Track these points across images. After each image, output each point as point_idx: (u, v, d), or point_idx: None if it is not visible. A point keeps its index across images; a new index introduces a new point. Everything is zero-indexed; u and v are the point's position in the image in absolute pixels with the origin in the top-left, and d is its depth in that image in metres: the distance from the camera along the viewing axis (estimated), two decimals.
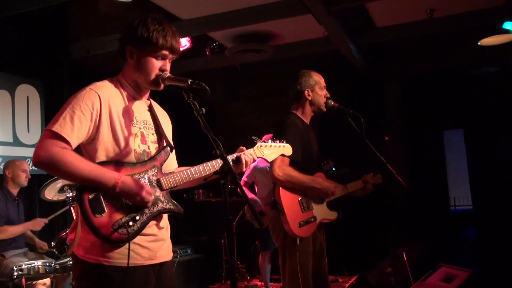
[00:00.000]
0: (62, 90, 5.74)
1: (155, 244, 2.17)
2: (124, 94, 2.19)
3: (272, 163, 3.20)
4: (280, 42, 6.25)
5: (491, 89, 7.27)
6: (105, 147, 2.07)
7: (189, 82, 2.12)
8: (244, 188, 5.89)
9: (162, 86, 2.24)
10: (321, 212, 3.35)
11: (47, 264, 3.96)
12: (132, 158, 2.13)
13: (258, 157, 2.54)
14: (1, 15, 4.82)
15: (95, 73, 6.18)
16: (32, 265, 3.88)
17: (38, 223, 4.50)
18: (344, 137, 4.31)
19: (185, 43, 6.37)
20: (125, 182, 2.00)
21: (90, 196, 1.98)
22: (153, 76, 2.19)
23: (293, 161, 3.22)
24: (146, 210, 2.09)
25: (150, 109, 2.32)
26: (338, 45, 5.84)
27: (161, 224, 2.23)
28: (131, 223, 2.01)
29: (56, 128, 1.96)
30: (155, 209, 2.14)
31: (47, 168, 1.96)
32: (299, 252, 3.18)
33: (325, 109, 3.48)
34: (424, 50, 7.26)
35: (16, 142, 5.29)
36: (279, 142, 2.63)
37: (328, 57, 7.40)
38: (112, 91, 2.15)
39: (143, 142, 2.19)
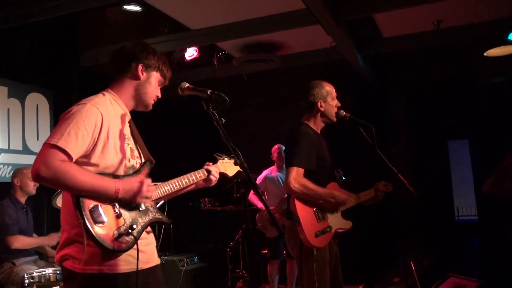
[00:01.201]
0: (71, 99, 5.77)
1: (149, 248, 2.24)
2: (118, 110, 2.25)
3: (287, 174, 3.23)
4: (287, 52, 6.30)
5: (496, 100, 7.29)
6: (98, 162, 2.11)
7: (209, 93, 2.17)
8: (255, 197, 5.93)
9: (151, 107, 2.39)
10: (336, 221, 3.36)
11: (58, 272, 3.97)
12: (121, 172, 2.18)
13: (220, 172, 2.68)
14: (12, 25, 4.88)
15: (103, 81, 6.20)
16: (43, 272, 3.88)
17: (54, 238, 4.52)
18: (354, 146, 4.34)
19: (192, 52, 6.44)
20: (124, 184, 2.07)
21: (91, 207, 2.00)
22: (152, 101, 2.36)
23: (308, 171, 3.24)
24: (140, 220, 2.15)
25: (131, 124, 2.38)
26: (345, 55, 5.88)
27: (148, 229, 2.27)
28: (130, 230, 2.07)
29: (62, 143, 1.97)
30: (147, 218, 2.19)
31: (49, 182, 1.95)
32: (316, 262, 3.19)
33: (335, 120, 3.50)
34: (430, 61, 7.30)
35: (26, 150, 5.32)
36: (229, 159, 2.73)
37: (334, 67, 7.44)
38: (109, 108, 2.20)
39: (132, 157, 2.26)
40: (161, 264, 4.58)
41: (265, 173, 6.20)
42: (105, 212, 2.04)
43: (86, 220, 1.96)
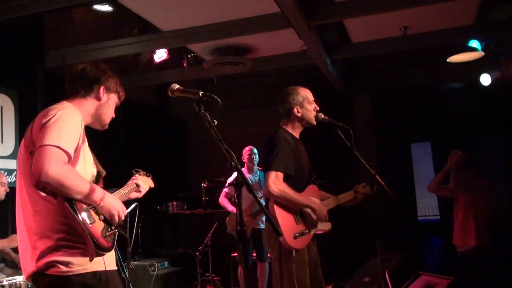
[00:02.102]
0: (36, 100, 5.60)
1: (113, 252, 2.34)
2: (83, 121, 2.31)
3: (266, 178, 3.22)
4: (257, 55, 6.32)
5: (456, 104, 7.58)
6: (76, 167, 2.18)
7: (200, 94, 2.20)
8: (226, 200, 5.90)
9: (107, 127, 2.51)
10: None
11: None
12: (89, 179, 2.27)
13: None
14: None
15: None
16: (14, 281, 3.73)
17: (14, 240, 4.35)
18: (331, 148, 4.42)
19: (162, 54, 6.38)
20: (108, 198, 2.20)
21: (83, 208, 2.10)
22: (110, 119, 2.49)
23: (287, 175, 3.26)
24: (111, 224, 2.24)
25: None
26: (316, 60, 5.96)
27: None
28: (109, 231, 2.19)
29: (63, 144, 2.04)
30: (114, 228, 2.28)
31: (54, 182, 1.98)
32: (295, 263, 3.20)
33: (315, 123, 3.53)
34: (395, 66, 7.52)
35: None
36: (145, 176, 2.80)
37: (301, 71, 7.56)
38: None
39: (94, 165, 2.38)
40: (131, 269, 4.54)
41: (235, 175, 6.19)
42: (93, 213, 2.14)
43: (82, 220, 2.03)
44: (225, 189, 6.14)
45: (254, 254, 6.03)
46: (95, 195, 2.12)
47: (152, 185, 2.79)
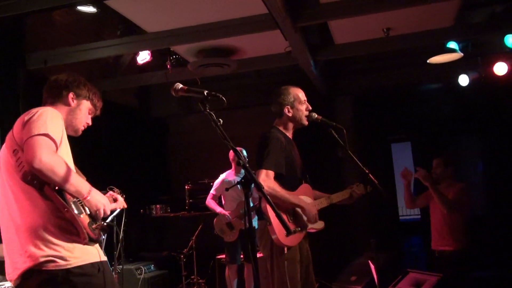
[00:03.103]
0: (17, 102, 5.48)
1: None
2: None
3: (256, 176, 3.22)
4: (242, 57, 6.33)
5: (436, 104, 7.73)
6: None
7: (206, 93, 2.19)
8: (213, 201, 5.89)
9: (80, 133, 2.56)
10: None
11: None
12: None
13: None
14: None
15: None
16: (2, 286, 3.65)
17: None
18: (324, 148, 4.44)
19: (145, 56, 6.33)
20: (94, 191, 2.26)
21: (73, 200, 2.16)
22: (82, 127, 2.54)
23: (278, 174, 3.28)
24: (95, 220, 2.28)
25: None
26: (300, 61, 6.00)
27: None
28: (95, 224, 2.24)
29: (50, 132, 2.11)
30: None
31: (46, 169, 2.02)
32: (287, 261, 3.23)
33: (307, 123, 3.56)
34: (375, 67, 7.63)
35: None
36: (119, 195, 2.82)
37: (282, 72, 7.60)
38: None
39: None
40: (117, 273, 4.51)
41: (222, 177, 6.19)
42: (80, 206, 2.19)
43: (72, 210, 2.11)
44: (212, 191, 6.14)
45: (243, 256, 6.04)
46: (83, 188, 2.19)
47: (125, 206, 2.80)
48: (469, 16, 6.01)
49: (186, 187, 7.44)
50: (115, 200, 2.68)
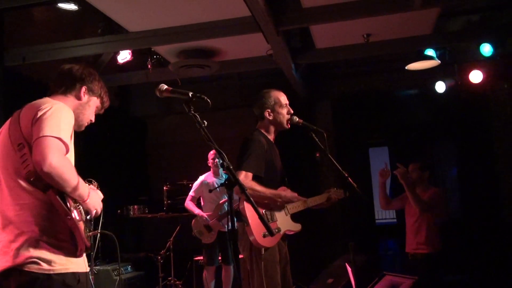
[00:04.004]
0: None
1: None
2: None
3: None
4: (224, 59, 6.34)
5: (413, 110, 7.87)
6: None
7: (191, 95, 2.19)
8: (191, 203, 5.88)
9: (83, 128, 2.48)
10: (285, 223, 3.46)
11: None
12: None
13: None
14: None
15: (30, 82, 5.87)
16: None
17: None
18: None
19: (126, 55, 6.28)
20: (92, 194, 2.24)
21: (74, 205, 2.09)
22: (86, 123, 2.46)
23: (256, 176, 3.31)
24: (88, 224, 2.24)
25: None
26: (281, 64, 6.04)
27: None
28: (92, 233, 2.22)
29: (63, 135, 2.04)
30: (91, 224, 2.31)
31: (56, 173, 1.96)
32: (265, 261, 3.27)
33: (288, 126, 3.59)
34: (354, 72, 7.73)
35: None
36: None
37: (264, 74, 7.63)
38: None
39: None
40: (94, 274, 4.46)
41: (201, 178, 6.18)
42: (80, 212, 2.13)
43: (74, 216, 2.04)
44: (191, 193, 6.12)
45: (220, 258, 6.04)
46: (85, 191, 2.15)
47: (102, 197, 2.78)
48: (446, 24, 6.15)
49: (164, 188, 7.40)
50: None
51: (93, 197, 2.23)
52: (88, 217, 2.23)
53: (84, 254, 2.19)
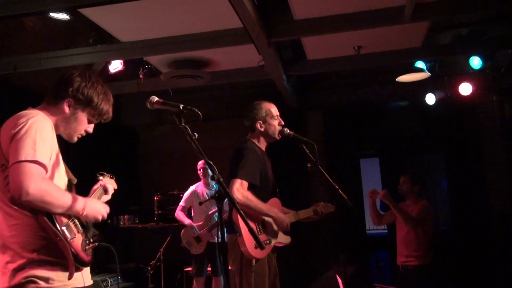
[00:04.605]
0: None
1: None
2: (53, 128, 2.18)
3: (230, 185, 3.25)
4: (215, 69, 6.36)
5: (403, 121, 7.93)
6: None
7: (181, 107, 2.18)
8: (182, 213, 5.86)
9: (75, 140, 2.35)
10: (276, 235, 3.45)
11: None
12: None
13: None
14: None
15: (20, 91, 5.84)
16: None
17: None
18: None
19: (117, 65, 6.28)
20: (89, 205, 2.15)
21: (64, 223, 2.03)
22: (78, 135, 2.32)
23: (251, 185, 3.31)
24: (89, 235, 2.20)
25: None
26: (272, 75, 6.07)
27: None
28: (88, 244, 2.15)
29: (38, 157, 1.94)
30: (91, 233, 2.25)
31: (36, 199, 1.90)
32: (254, 273, 3.26)
33: (279, 137, 3.60)
34: (346, 83, 7.78)
35: None
36: (109, 178, 2.75)
37: (255, 85, 7.66)
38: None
39: (66, 174, 2.29)
40: None
41: (191, 189, 6.16)
42: (73, 227, 2.08)
43: (64, 237, 1.98)
44: (182, 203, 6.10)
45: (210, 269, 6.01)
46: (77, 206, 2.07)
47: (116, 187, 2.68)
48: (436, 37, 6.22)
49: (155, 198, 7.38)
50: (105, 191, 2.55)
51: (91, 207, 2.15)
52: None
53: (87, 268, 2.16)
